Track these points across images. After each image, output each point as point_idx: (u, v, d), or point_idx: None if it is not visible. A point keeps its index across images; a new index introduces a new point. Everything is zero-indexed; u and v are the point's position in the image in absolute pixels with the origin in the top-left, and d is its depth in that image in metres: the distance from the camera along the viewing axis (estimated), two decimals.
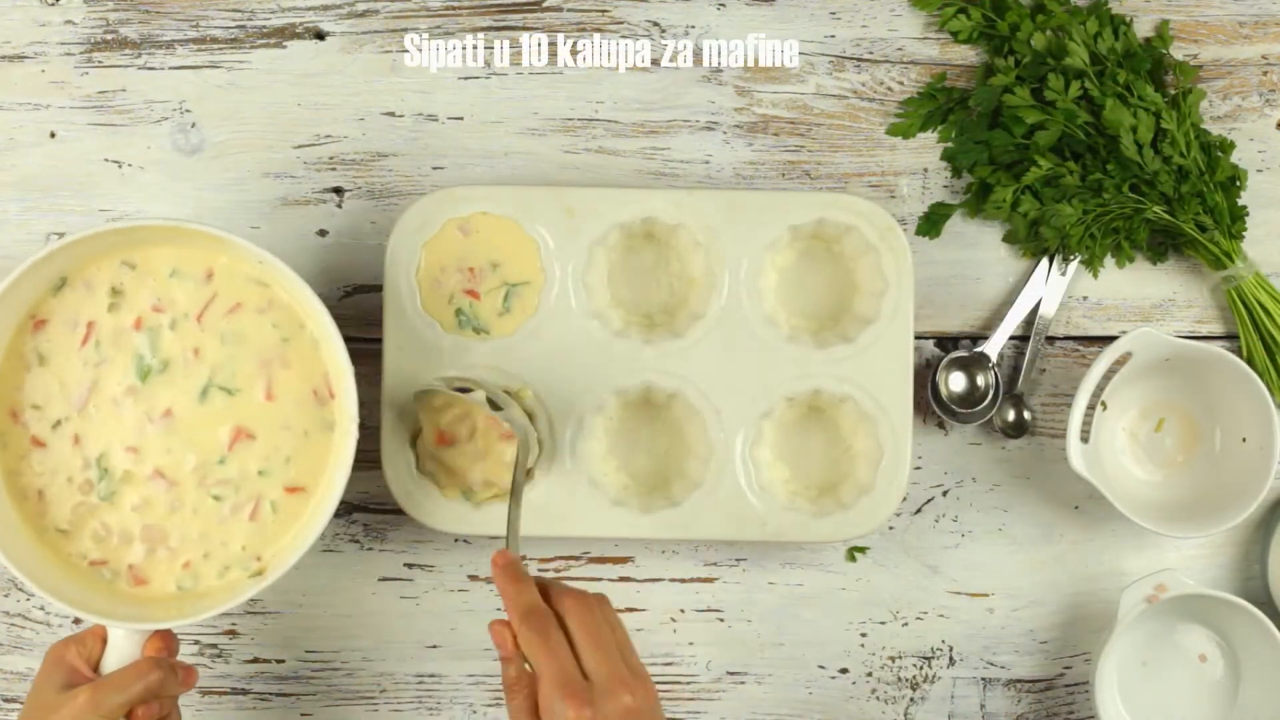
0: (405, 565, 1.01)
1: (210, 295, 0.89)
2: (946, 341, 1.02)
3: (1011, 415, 1.01)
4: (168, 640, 0.86)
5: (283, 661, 1.01)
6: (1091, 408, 0.97)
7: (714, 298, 0.96)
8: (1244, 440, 0.97)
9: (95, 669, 0.84)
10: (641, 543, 1.01)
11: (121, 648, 0.85)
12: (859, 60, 1.02)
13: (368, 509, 1.01)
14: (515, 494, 0.86)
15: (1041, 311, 1.00)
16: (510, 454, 0.93)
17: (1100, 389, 0.96)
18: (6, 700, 1.01)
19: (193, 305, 0.89)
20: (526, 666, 0.78)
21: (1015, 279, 1.02)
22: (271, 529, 0.90)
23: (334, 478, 0.88)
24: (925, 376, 1.00)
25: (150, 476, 0.88)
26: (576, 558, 1.01)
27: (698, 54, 1.02)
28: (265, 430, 0.89)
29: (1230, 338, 1.01)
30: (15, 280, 0.85)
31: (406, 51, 1.02)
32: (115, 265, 0.89)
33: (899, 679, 1.01)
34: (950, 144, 1.01)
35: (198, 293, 0.89)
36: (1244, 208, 0.99)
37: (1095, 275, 1.01)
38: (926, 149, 1.02)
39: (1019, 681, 1.02)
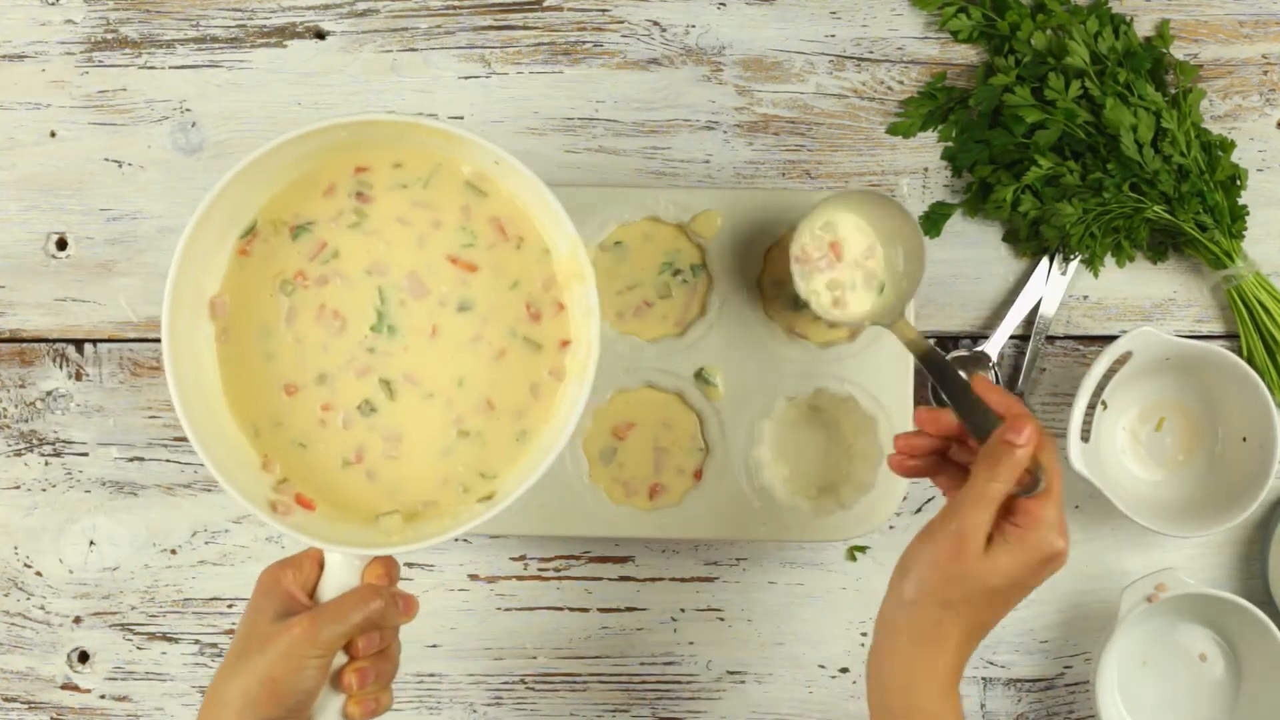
0: (406, 564, 1.01)
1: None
2: (947, 341, 1.02)
3: None
4: (389, 566, 0.79)
5: None
6: (1092, 407, 0.97)
7: (714, 297, 0.96)
8: (1244, 440, 0.97)
9: (311, 596, 0.78)
10: (641, 542, 1.01)
11: (340, 574, 0.78)
12: (859, 60, 1.02)
13: None
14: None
15: (1042, 311, 1.00)
16: None
17: (1100, 388, 0.96)
18: (7, 700, 1.01)
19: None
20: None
21: (1015, 278, 1.02)
22: (496, 450, 0.83)
23: (556, 405, 0.83)
24: (926, 376, 1.00)
25: (369, 392, 0.83)
26: (577, 557, 1.01)
27: (698, 54, 1.02)
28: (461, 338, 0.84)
29: (1230, 337, 1.01)
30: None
31: (407, 51, 1.02)
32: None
33: None
34: (950, 143, 1.01)
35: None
36: (1244, 207, 0.99)
37: (1095, 274, 1.01)
38: (926, 148, 1.02)
39: (1019, 681, 1.02)
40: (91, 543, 1.01)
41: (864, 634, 1.01)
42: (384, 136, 0.83)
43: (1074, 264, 1.00)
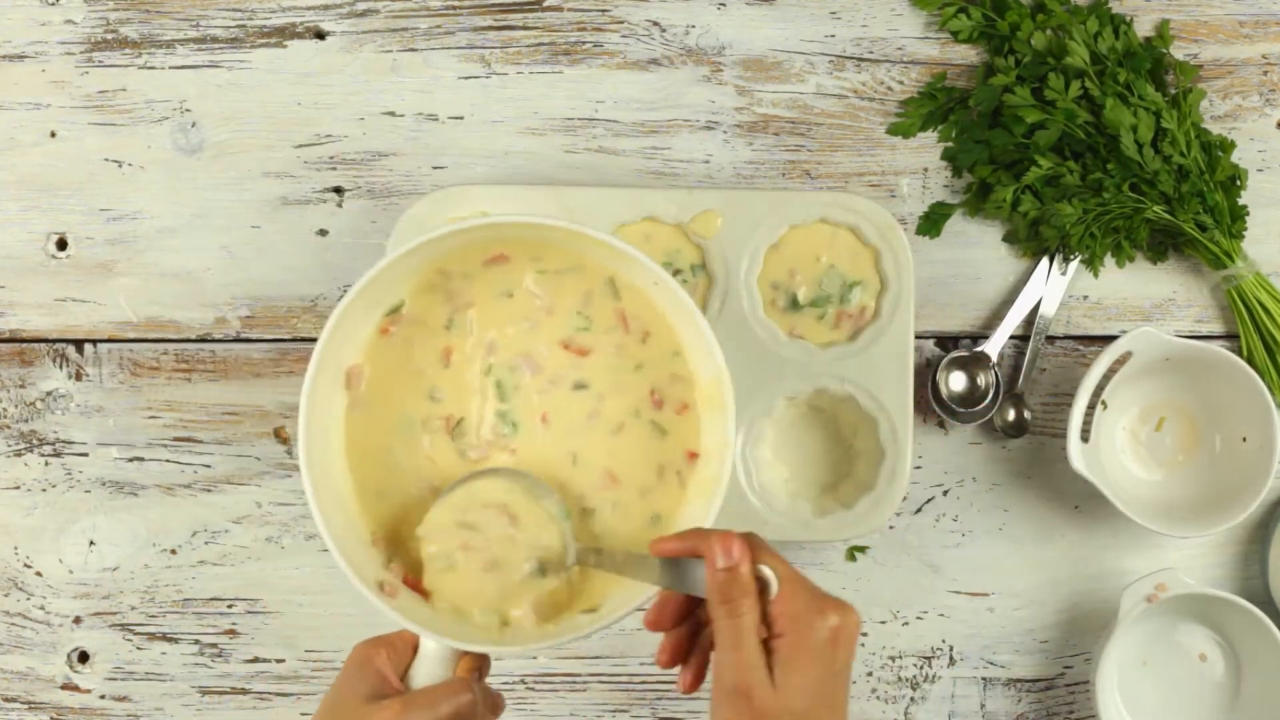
0: None
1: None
2: (947, 341, 1.02)
3: (1012, 415, 1.01)
4: (481, 662, 0.80)
5: (283, 661, 1.01)
6: (1092, 407, 0.97)
7: (714, 296, 0.96)
8: (1244, 440, 0.97)
9: (402, 678, 0.78)
10: None
11: (434, 661, 0.78)
12: (859, 60, 1.02)
13: None
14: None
15: (1042, 311, 1.00)
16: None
17: (1100, 388, 0.96)
18: (7, 700, 1.01)
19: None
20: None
21: (1015, 278, 1.02)
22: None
23: (681, 506, 0.83)
24: (925, 376, 1.00)
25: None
26: None
27: (698, 54, 1.02)
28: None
29: (1230, 337, 1.01)
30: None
31: (407, 51, 1.02)
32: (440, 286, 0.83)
33: (899, 679, 1.01)
34: (950, 143, 1.01)
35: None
36: (1244, 207, 0.99)
37: (1095, 275, 1.01)
38: (927, 149, 1.02)
39: (1019, 681, 1.02)
40: (91, 543, 1.01)
41: (864, 634, 1.01)
42: (552, 238, 0.82)
43: (1074, 264, 1.00)
